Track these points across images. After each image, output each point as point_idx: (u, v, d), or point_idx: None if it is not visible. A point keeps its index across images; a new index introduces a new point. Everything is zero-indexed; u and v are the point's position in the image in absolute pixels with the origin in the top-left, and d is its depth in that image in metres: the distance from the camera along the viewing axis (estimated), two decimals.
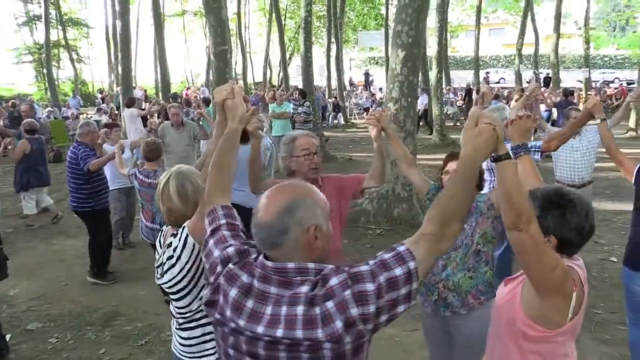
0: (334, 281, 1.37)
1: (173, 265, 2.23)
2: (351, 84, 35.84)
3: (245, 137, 2.05)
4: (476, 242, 2.77)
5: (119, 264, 6.18)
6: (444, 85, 21.44)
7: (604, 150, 3.93)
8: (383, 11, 28.52)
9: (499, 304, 2.05)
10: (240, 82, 23.40)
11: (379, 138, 3.01)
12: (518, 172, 1.72)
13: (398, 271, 1.38)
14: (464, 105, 21.35)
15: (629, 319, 3.62)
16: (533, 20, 27.96)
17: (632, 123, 16.52)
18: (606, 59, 48.02)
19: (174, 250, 2.22)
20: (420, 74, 13.58)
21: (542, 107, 12.51)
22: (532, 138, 7.10)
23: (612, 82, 30.78)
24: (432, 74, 15.96)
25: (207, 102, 12.31)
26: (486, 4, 33.63)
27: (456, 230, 1.50)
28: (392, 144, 3.06)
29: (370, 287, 1.35)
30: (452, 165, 2.99)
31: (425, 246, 1.44)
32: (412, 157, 3.26)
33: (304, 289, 1.38)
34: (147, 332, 4.59)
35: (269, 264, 1.45)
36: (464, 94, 22.67)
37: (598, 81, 30.15)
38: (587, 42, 26.63)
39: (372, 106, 22.72)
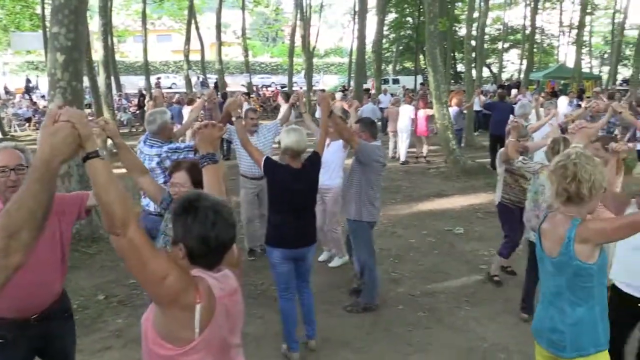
0: None
1: None
2: (7, 91, 31.72)
3: None
4: None
5: None
6: (114, 92, 20.97)
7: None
8: (39, 11, 25.98)
9: (143, 319, 1.81)
10: None
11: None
12: (110, 170, 1.59)
13: None
14: (137, 112, 21.19)
15: (278, 291, 4.03)
16: (197, 28, 29.58)
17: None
18: (263, 65, 54.45)
19: None
20: (87, 79, 12.99)
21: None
22: None
23: (270, 85, 34.98)
24: (100, 80, 15.36)
25: None
26: (151, 10, 33.99)
27: (28, 240, 1.36)
28: (120, 153, 2.71)
29: None
30: (177, 177, 3.01)
31: None
32: (143, 165, 3.08)
33: None
34: None
35: None
36: (137, 100, 22.51)
37: (258, 85, 33.85)
38: (245, 50, 29.55)
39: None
